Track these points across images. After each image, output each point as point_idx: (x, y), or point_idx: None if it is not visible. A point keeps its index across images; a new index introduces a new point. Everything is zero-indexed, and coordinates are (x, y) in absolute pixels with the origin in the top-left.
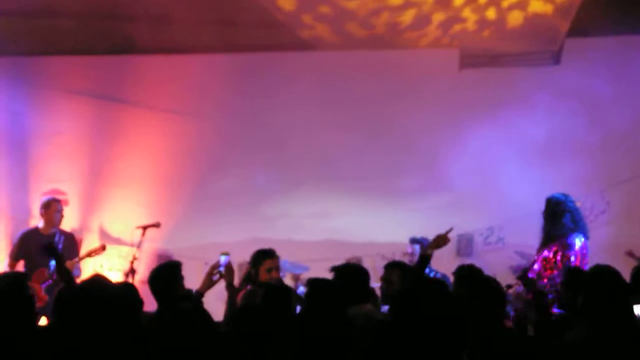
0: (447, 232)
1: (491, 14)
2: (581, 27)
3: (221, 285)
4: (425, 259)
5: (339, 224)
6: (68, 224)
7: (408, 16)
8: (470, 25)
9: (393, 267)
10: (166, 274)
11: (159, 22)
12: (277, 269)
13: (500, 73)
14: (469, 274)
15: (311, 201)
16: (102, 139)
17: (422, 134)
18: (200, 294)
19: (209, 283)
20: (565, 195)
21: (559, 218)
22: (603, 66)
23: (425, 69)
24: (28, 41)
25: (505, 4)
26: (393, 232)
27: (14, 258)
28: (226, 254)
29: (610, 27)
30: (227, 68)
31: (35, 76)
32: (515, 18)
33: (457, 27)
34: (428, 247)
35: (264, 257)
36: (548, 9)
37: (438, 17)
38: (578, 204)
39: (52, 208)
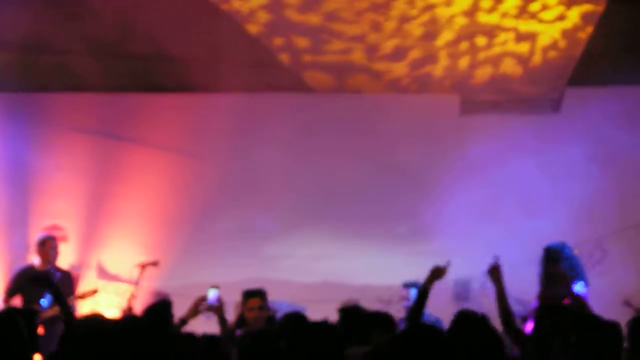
0: (445, 265)
1: (489, 62)
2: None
3: None
4: (423, 294)
5: (337, 265)
6: (66, 260)
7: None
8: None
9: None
10: (157, 312)
11: (160, 60)
12: (262, 308)
13: (501, 120)
14: (469, 321)
15: (310, 243)
16: (101, 176)
17: (423, 177)
18: (182, 321)
19: (193, 312)
20: (563, 243)
21: (557, 265)
22: (603, 115)
23: (425, 114)
24: (28, 77)
25: (507, 50)
26: (391, 275)
27: (9, 294)
28: (216, 287)
29: (611, 76)
30: (227, 108)
31: (35, 113)
32: (513, 66)
33: (456, 72)
34: (427, 281)
35: (247, 296)
36: (551, 55)
37: (441, 63)
38: (576, 252)
39: (47, 245)
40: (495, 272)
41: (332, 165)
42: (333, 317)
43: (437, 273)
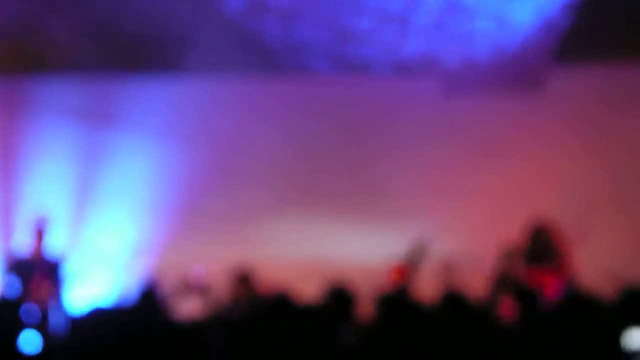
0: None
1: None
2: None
3: None
4: None
5: (326, 244)
6: (55, 244)
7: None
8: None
9: None
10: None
11: (149, 40)
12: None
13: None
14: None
15: (300, 222)
16: (89, 159)
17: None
18: (170, 302)
19: (181, 292)
20: None
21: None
22: (589, 93)
23: (408, 97)
24: (14, 60)
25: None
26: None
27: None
28: (199, 266)
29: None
30: (217, 91)
31: (22, 95)
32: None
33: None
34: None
35: (237, 279)
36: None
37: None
38: None
39: (39, 230)
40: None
41: (323, 146)
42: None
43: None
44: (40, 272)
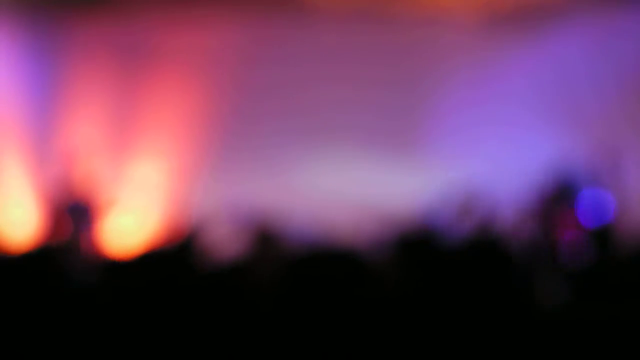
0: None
1: None
2: None
3: None
4: None
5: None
6: (94, 177)
7: None
8: None
9: None
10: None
11: None
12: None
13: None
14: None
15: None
16: (127, 91)
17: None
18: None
19: None
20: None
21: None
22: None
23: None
24: None
25: None
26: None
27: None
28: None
29: None
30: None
31: (64, 30)
32: None
33: None
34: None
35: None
36: None
37: None
38: None
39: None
40: None
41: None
42: None
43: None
44: (80, 213)
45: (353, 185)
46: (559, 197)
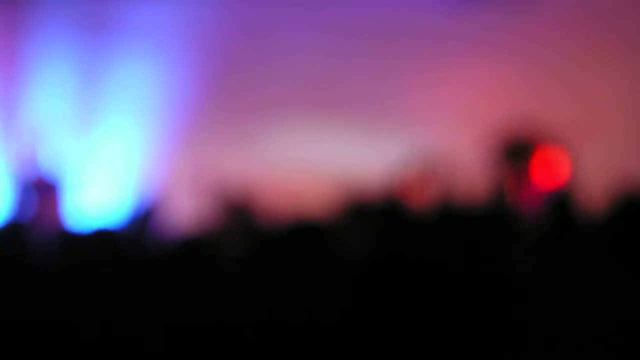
0: None
1: None
2: None
3: None
4: None
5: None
6: (58, 152)
7: None
8: None
9: None
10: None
11: None
12: None
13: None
14: None
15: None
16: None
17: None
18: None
19: None
20: None
21: None
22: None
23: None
24: None
25: None
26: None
27: None
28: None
29: None
30: None
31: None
32: None
33: None
34: None
35: None
36: None
37: None
38: None
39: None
40: None
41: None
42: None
43: None
44: (45, 189)
45: (323, 156)
46: (514, 157)
